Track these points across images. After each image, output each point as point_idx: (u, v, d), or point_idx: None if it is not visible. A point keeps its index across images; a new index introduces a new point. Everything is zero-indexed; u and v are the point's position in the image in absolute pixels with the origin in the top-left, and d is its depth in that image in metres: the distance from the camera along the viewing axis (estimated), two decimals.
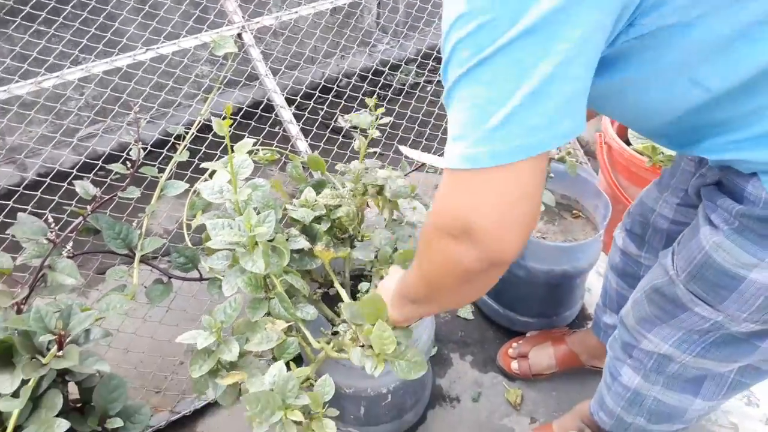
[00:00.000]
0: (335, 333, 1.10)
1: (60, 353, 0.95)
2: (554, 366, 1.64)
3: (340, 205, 1.21)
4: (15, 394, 0.93)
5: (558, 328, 1.74)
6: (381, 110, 1.40)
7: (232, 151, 1.15)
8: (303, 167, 1.44)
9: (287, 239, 1.11)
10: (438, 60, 2.76)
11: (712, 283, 0.90)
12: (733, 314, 0.90)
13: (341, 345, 1.04)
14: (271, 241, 1.07)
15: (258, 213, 1.06)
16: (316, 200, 1.22)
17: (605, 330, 1.52)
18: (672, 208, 1.18)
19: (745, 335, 0.94)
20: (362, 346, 0.99)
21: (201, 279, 1.40)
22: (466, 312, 1.84)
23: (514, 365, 1.65)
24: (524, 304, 1.71)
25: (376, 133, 1.40)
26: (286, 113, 1.88)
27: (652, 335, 1.06)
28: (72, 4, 1.78)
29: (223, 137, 1.06)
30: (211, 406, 1.54)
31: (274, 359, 1.00)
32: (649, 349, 1.08)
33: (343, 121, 2.53)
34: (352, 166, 1.31)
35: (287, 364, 0.97)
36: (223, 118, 1.04)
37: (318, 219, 1.22)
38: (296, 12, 2.00)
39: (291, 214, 1.17)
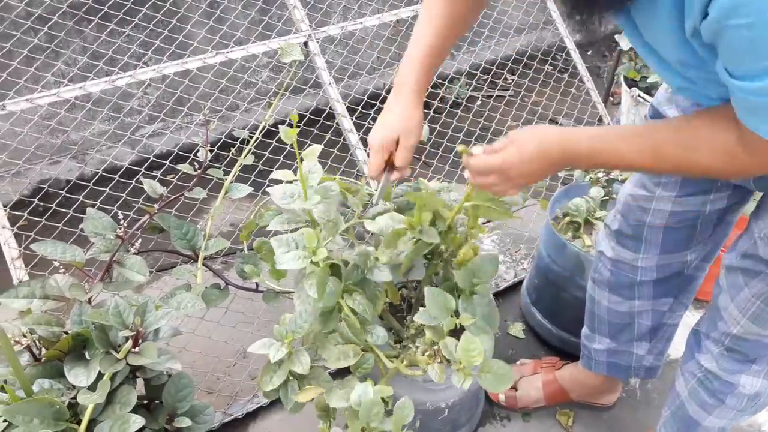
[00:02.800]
0: (404, 346, 1.09)
1: (136, 349, 0.96)
2: (542, 400, 1.59)
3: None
4: (90, 388, 0.95)
5: (549, 357, 1.68)
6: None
7: (301, 158, 1.15)
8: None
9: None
10: (495, 75, 2.72)
11: None
12: None
13: (414, 361, 1.03)
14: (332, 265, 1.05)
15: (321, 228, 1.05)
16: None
17: (596, 359, 1.46)
18: (669, 201, 1.15)
19: None
20: (440, 361, 0.99)
21: (257, 290, 1.40)
22: (517, 330, 1.82)
23: (501, 396, 1.59)
24: (580, 325, 1.68)
25: None
26: (346, 122, 1.89)
27: None
28: (146, 5, 1.82)
29: (286, 143, 1.06)
30: (262, 409, 1.54)
31: (345, 371, 0.99)
32: None
33: None
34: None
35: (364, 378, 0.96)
36: (290, 126, 1.05)
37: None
38: (361, 23, 2.01)
39: (367, 226, 1.16)
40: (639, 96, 2.18)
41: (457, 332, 1.03)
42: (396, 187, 1.26)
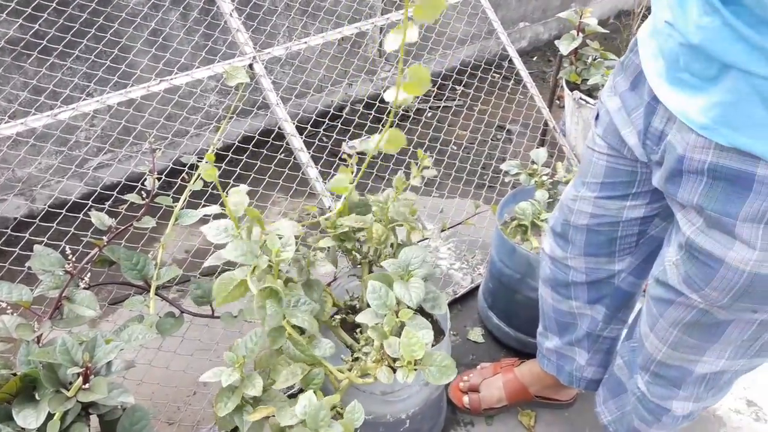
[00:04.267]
0: (356, 359, 1.11)
1: (86, 386, 0.95)
2: (504, 399, 1.61)
3: (362, 229, 1.23)
4: (40, 430, 0.93)
5: (508, 358, 1.72)
6: (427, 162, 1.41)
7: (226, 193, 1.15)
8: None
9: (312, 261, 1.12)
10: (441, 87, 2.77)
11: (762, 293, 0.87)
12: None
13: (364, 370, 1.05)
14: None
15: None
16: (342, 223, 1.24)
17: (548, 357, 1.48)
18: (590, 202, 1.15)
19: None
20: (388, 365, 1.01)
21: (212, 316, 1.39)
22: (476, 335, 1.85)
23: (465, 399, 1.62)
24: (536, 326, 1.72)
25: (417, 181, 1.41)
26: (296, 141, 1.91)
27: (707, 357, 1.04)
28: (87, 37, 1.81)
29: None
30: None
31: (301, 390, 1.01)
32: (704, 371, 1.07)
33: (349, 148, 2.57)
34: (384, 195, 1.33)
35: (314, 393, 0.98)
36: (206, 163, 1.06)
37: (342, 240, 1.24)
38: (305, 42, 2.03)
39: (320, 244, 1.19)
40: (581, 99, 2.25)
41: None
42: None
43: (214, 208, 1.15)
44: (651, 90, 0.92)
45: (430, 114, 2.62)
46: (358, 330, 1.24)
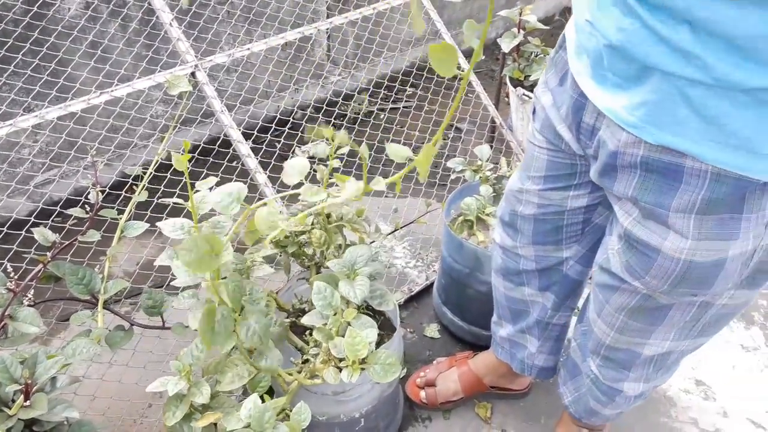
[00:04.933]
0: (306, 361, 1.12)
1: (27, 403, 0.94)
2: (460, 392, 1.64)
3: (304, 232, 1.24)
4: None
5: (462, 352, 1.75)
6: (340, 139, 1.42)
7: (192, 185, 1.17)
8: None
9: (251, 266, 1.13)
10: (389, 89, 2.79)
11: (698, 278, 0.90)
12: (721, 291, 0.92)
13: (313, 371, 1.06)
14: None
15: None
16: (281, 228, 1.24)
17: (502, 345, 1.52)
18: (535, 194, 1.18)
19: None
20: (335, 365, 1.02)
21: (163, 327, 1.38)
22: (432, 331, 1.88)
23: (422, 394, 1.64)
24: (489, 319, 1.75)
25: (336, 163, 1.42)
26: (243, 147, 1.91)
27: (653, 339, 1.08)
28: (22, 51, 1.78)
29: (182, 175, 1.07)
30: None
31: (245, 394, 1.01)
32: (651, 353, 1.11)
33: (300, 153, 2.57)
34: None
35: (261, 397, 0.98)
36: (181, 153, 1.06)
37: (283, 246, 1.25)
38: (248, 48, 2.03)
39: (260, 253, 1.20)
40: (524, 95, 2.30)
41: None
42: None
43: (176, 200, 1.15)
44: (577, 86, 0.94)
45: (381, 116, 2.65)
46: (307, 332, 1.25)
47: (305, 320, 1.08)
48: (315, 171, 1.50)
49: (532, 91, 2.35)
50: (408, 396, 1.66)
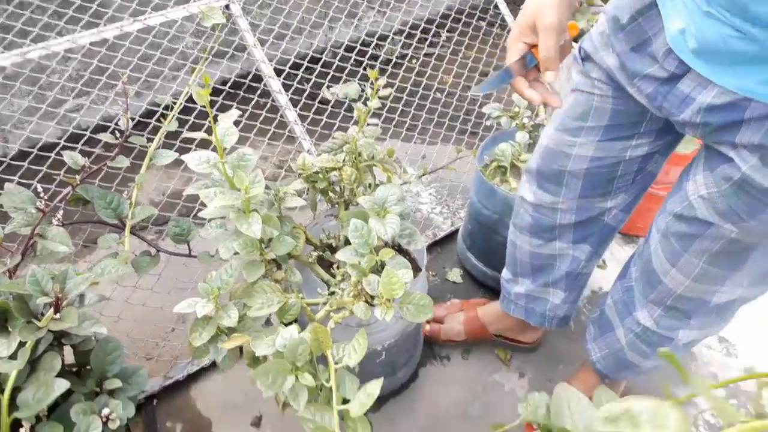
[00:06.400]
0: (332, 293, 1.12)
1: (57, 316, 0.96)
2: (462, 334, 1.65)
3: (335, 169, 1.22)
4: (12, 357, 0.94)
5: (478, 299, 1.75)
6: (381, 82, 1.37)
7: (215, 118, 1.15)
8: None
9: (282, 197, 1.13)
10: (425, 32, 2.72)
11: None
12: None
13: (340, 304, 1.06)
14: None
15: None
16: (312, 164, 1.23)
17: (516, 302, 1.50)
18: (592, 146, 1.13)
19: None
20: (365, 301, 1.02)
21: (189, 255, 1.39)
22: (455, 276, 1.87)
23: (427, 328, 1.67)
24: None
25: (376, 104, 1.38)
26: (274, 83, 1.88)
27: (726, 286, 1.06)
28: None
29: (215, 105, 1.06)
30: (204, 371, 1.56)
31: (267, 323, 1.01)
32: (719, 301, 1.09)
33: (329, 93, 2.53)
34: (349, 133, 1.32)
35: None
36: (203, 88, 1.04)
37: (313, 182, 1.24)
38: None
39: (292, 186, 1.19)
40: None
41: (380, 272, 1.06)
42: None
43: (200, 134, 1.14)
44: (675, 60, 0.89)
45: (414, 60, 2.59)
46: (334, 266, 1.25)
47: (339, 255, 1.07)
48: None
49: (574, 40, 2.27)
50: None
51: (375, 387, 0.86)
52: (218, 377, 1.56)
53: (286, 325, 1.03)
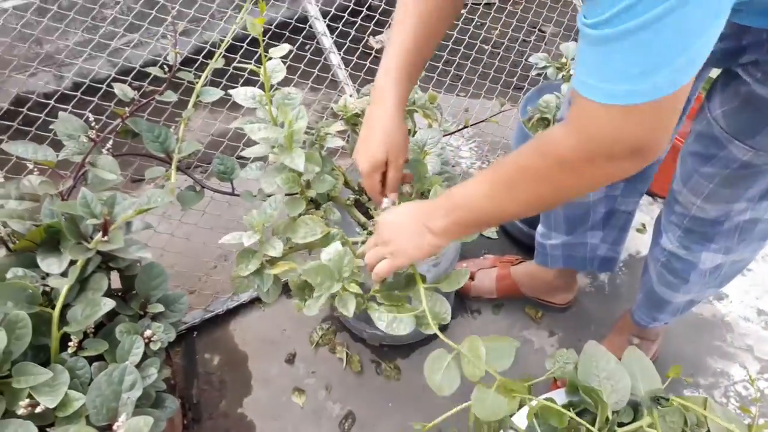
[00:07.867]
0: (370, 233, 1.14)
1: (105, 238, 0.99)
2: (494, 292, 1.66)
3: None
4: (64, 275, 0.99)
5: (511, 255, 1.75)
6: None
7: (266, 52, 1.15)
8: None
9: (324, 136, 1.14)
10: None
11: None
12: None
13: None
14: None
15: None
16: (354, 106, 1.23)
17: (552, 254, 1.51)
18: None
19: None
20: None
21: (233, 193, 1.42)
22: (491, 231, 1.87)
23: None
24: None
25: None
26: (320, 25, 1.87)
27: (739, 203, 1.08)
28: None
29: (257, 46, 1.06)
30: (242, 307, 1.61)
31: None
32: (738, 220, 1.11)
33: (375, 41, 2.50)
34: None
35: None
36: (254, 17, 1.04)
37: (354, 125, 1.24)
38: None
39: (333, 127, 1.20)
40: None
41: None
42: None
43: (251, 66, 1.15)
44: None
45: (470, 9, 2.53)
46: (371, 209, 1.26)
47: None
48: None
49: None
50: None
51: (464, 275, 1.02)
52: (256, 314, 1.60)
53: None
